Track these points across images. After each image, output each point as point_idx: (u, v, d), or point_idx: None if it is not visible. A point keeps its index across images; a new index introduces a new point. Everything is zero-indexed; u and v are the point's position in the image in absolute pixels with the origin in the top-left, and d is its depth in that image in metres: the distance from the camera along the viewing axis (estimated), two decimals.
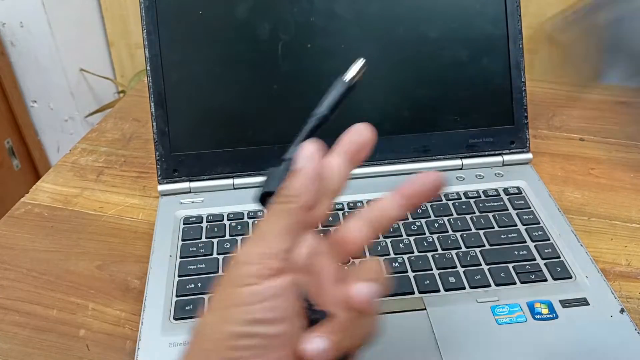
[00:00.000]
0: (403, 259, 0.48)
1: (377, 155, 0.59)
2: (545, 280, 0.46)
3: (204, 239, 0.51)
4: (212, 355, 0.25)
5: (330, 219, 0.53)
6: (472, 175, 0.58)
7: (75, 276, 0.51)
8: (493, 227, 0.52)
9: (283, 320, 0.26)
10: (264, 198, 0.31)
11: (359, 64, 0.35)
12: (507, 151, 0.60)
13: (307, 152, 0.30)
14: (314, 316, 0.28)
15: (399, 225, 0.52)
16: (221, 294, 0.27)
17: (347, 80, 0.36)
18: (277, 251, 0.27)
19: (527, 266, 0.47)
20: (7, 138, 1.43)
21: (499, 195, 0.55)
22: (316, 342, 0.26)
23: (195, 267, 0.48)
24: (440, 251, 0.49)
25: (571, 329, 0.42)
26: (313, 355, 0.26)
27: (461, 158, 0.59)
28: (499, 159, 0.60)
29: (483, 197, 0.55)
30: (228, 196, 0.56)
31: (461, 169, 0.59)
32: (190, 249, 0.50)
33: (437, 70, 0.58)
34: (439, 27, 0.58)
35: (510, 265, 0.48)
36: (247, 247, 0.27)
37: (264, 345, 0.26)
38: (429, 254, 0.49)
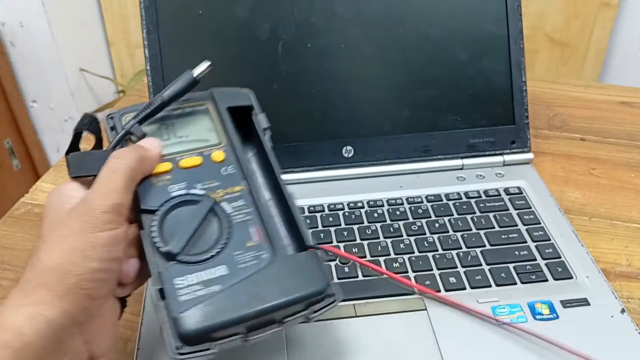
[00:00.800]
0: (403, 259, 0.48)
1: (378, 155, 0.59)
2: (546, 280, 0.46)
3: None
4: (75, 289, 0.31)
5: (331, 219, 0.53)
6: (472, 175, 0.58)
7: None
8: (494, 227, 0.51)
9: (122, 259, 0.34)
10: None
11: (206, 64, 0.41)
12: (508, 151, 0.60)
13: (157, 142, 0.38)
14: None
15: (399, 225, 0.52)
16: (77, 236, 0.32)
17: (194, 75, 0.40)
18: (126, 203, 0.34)
19: (528, 266, 0.47)
20: (6, 138, 1.43)
21: (500, 195, 0.55)
22: None
23: None
24: (440, 251, 0.49)
25: (572, 329, 0.42)
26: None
27: (462, 158, 0.59)
28: (499, 158, 0.60)
29: (484, 197, 0.55)
30: None
31: (462, 169, 0.59)
32: None
33: (437, 69, 0.58)
34: (440, 26, 0.58)
35: (510, 266, 0.47)
36: (101, 197, 0.33)
37: (110, 278, 0.33)
38: (430, 254, 0.49)
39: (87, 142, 0.39)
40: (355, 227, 0.52)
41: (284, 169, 0.58)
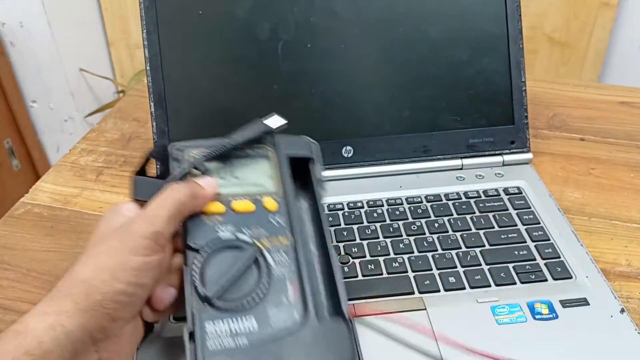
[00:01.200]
0: (403, 259, 0.48)
1: (377, 155, 0.59)
2: (546, 280, 0.46)
3: None
4: (97, 306, 0.31)
5: (330, 218, 0.53)
6: (472, 175, 0.58)
7: None
8: (493, 227, 0.51)
9: (151, 286, 0.34)
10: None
11: (282, 121, 0.41)
12: (507, 151, 0.60)
13: (214, 182, 0.38)
14: None
15: (399, 225, 0.52)
16: (111, 255, 0.33)
17: (271, 126, 0.41)
18: (167, 233, 0.34)
19: (527, 266, 0.47)
20: (6, 138, 1.43)
21: (499, 195, 0.55)
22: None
23: None
24: (440, 251, 0.49)
25: (571, 329, 0.42)
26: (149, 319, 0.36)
27: (461, 158, 0.59)
28: (499, 159, 0.60)
29: (483, 197, 0.55)
30: None
31: (461, 169, 0.59)
32: None
33: (437, 70, 0.58)
34: (439, 27, 0.58)
35: (510, 265, 0.47)
36: (143, 222, 0.34)
37: (134, 302, 0.33)
38: (429, 254, 0.49)
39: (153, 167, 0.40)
40: (354, 227, 0.52)
41: None
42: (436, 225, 0.52)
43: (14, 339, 0.29)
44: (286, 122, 0.41)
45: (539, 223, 0.52)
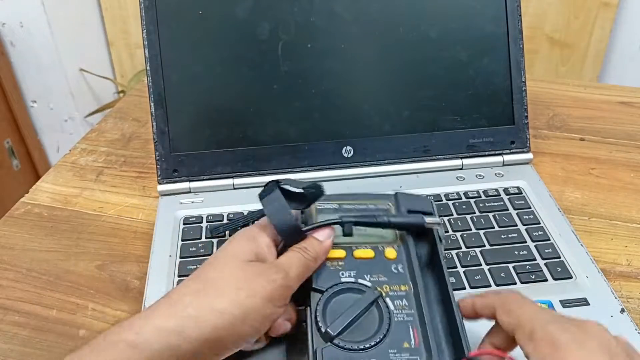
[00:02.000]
0: None
1: (377, 155, 0.59)
2: (546, 280, 0.46)
3: (203, 239, 0.51)
4: (218, 341, 0.32)
5: None
6: (472, 175, 0.58)
7: (75, 276, 0.51)
8: (493, 227, 0.51)
9: (261, 334, 0.36)
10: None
11: (438, 221, 0.42)
12: (508, 151, 0.60)
13: (331, 233, 0.40)
14: None
15: None
16: (250, 295, 0.33)
17: (426, 222, 0.41)
18: (292, 288, 0.36)
19: (528, 266, 0.47)
20: (6, 138, 1.43)
21: (499, 195, 0.55)
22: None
23: (195, 267, 0.48)
24: None
25: None
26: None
27: (461, 158, 0.59)
28: (499, 159, 0.60)
29: (483, 197, 0.55)
30: (228, 196, 0.56)
31: (461, 169, 0.59)
32: (190, 249, 0.50)
33: (437, 70, 0.58)
34: (439, 27, 0.58)
35: (510, 266, 0.47)
36: (281, 275, 0.35)
37: (243, 345, 0.35)
38: None
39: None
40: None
41: (284, 169, 0.58)
42: None
43: (127, 351, 0.30)
44: (440, 222, 0.42)
45: (539, 223, 0.52)
